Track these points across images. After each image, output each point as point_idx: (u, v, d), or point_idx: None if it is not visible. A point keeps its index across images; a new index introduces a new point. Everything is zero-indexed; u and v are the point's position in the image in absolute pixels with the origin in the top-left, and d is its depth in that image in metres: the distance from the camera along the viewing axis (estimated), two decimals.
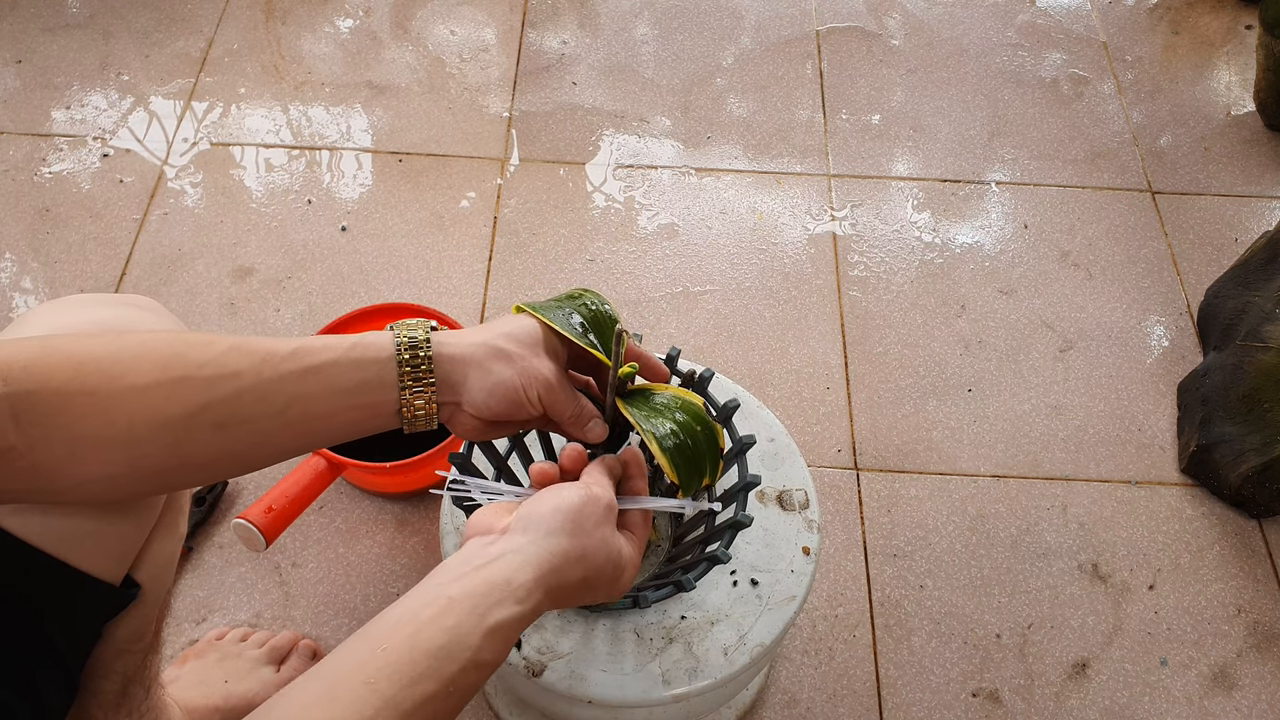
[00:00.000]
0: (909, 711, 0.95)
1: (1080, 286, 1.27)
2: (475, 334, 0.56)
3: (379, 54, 1.46)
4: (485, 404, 0.55)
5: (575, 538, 0.51)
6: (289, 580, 1.00)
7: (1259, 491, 1.05)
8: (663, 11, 1.54)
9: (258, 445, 0.50)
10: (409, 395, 0.53)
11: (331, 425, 0.52)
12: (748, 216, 1.31)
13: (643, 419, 0.58)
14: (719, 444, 0.62)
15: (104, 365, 0.46)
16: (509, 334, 0.56)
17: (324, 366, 0.51)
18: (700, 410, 0.61)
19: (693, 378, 0.72)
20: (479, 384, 0.54)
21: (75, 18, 1.47)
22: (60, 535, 0.51)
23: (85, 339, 0.47)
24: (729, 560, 0.64)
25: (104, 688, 0.63)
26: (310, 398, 0.50)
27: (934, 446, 1.12)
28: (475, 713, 0.92)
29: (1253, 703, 0.97)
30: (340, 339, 0.52)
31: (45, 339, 0.46)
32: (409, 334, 0.53)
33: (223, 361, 0.48)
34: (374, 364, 0.52)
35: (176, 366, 0.47)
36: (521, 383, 0.54)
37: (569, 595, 0.52)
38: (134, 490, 0.49)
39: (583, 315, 0.60)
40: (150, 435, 0.46)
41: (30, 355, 0.44)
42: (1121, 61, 1.53)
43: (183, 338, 0.49)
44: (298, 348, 0.50)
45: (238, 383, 0.48)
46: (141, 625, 0.62)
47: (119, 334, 0.49)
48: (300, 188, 1.30)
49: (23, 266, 1.21)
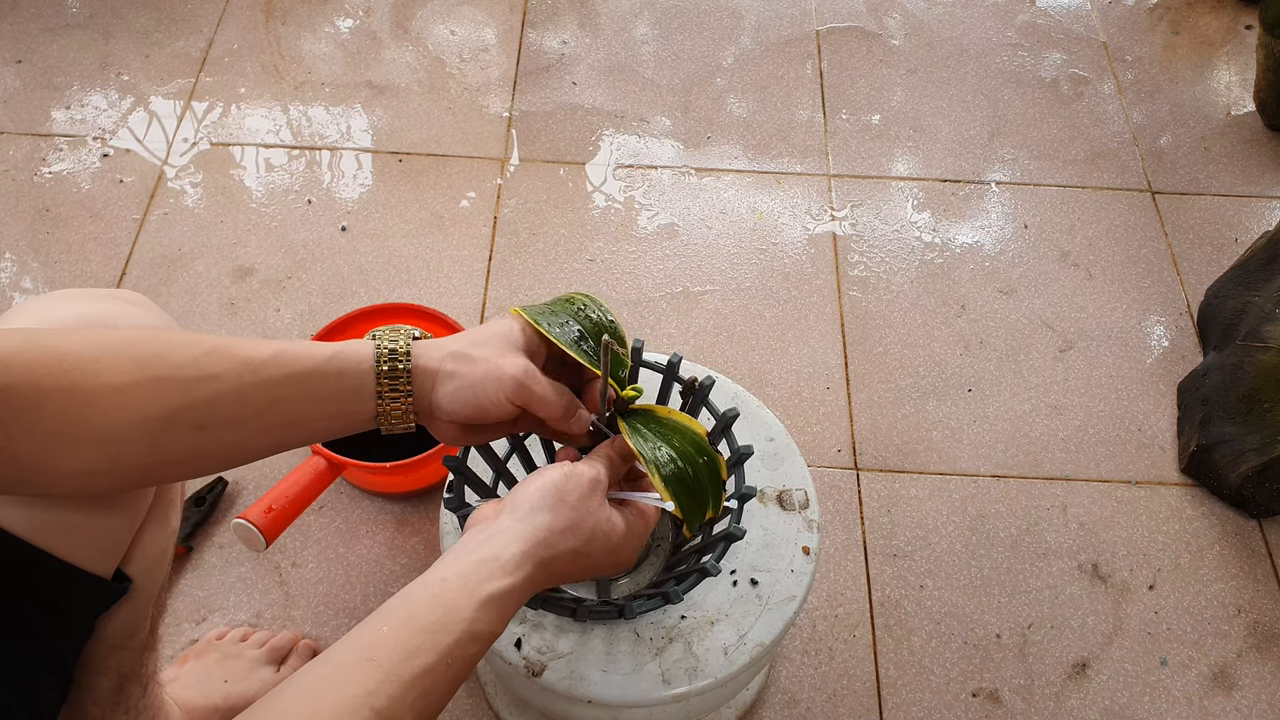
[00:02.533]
0: (909, 711, 0.95)
1: (1080, 286, 1.27)
2: (451, 341, 0.56)
3: (379, 54, 1.46)
4: (452, 409, 0.55)
5: (559, 510, 0.53)
6: (289, 580, 1.00)
7: (1259, 491, 1.05)
8: (663, 11, 1.54)
9: (237, 445, 0.51)
10: (385, 405, 0.54)
11: (311, 429, 0.53)
12: (748, 216, 1.31)
13: (643, 445, 0.58)
14: (721, 475, 0.61)
15: (84, 362, 0.46)
16: (477, 339, 0.56)
17: (304, 374, 0.51)
18: (701, 439, 0.61)
19: (693, 385, 0.71)
20: (444, 390, 0.55)
21: (75, 18, 1.47)
22: (48, 528, 0.51)
23: (67, 334, 0.47)
24: (718, 573, 0.64)
25: (99, 684, 0.63)
26: (289, 402, 0.51)
27: (934, 446, 1.12)
28: (475, 713, 0.92)
29: (1253, 703, 0.97)
30: (322, 347, 0.53)
31: (27, 332, 0.46)
32: (389, 344, 0.54)
33: (202, 364, 0.48)
34: (354, 375, 0.53)
35: (156, 366, 0.47)
36: (479, 381, 0.55)
37: (565, 565, 0.53)
38: (115, 485, 0.50)
39: (581, 324, 0.59)
40: (128, 434, 0.47)
41: (11, 349, 0.44)
42: (1121, 61, 1.53)
43: (165, 337, 0.49)
44: (278, 352, 0.51)
45: (217, 385, 0.48)
46: (135, 620, 0.62)
47: (102, 330, 0.49)
48: (300, 188, 1.30)
49: (23, 266, 1.21)
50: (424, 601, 0.47)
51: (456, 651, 0.46)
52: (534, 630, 0.69)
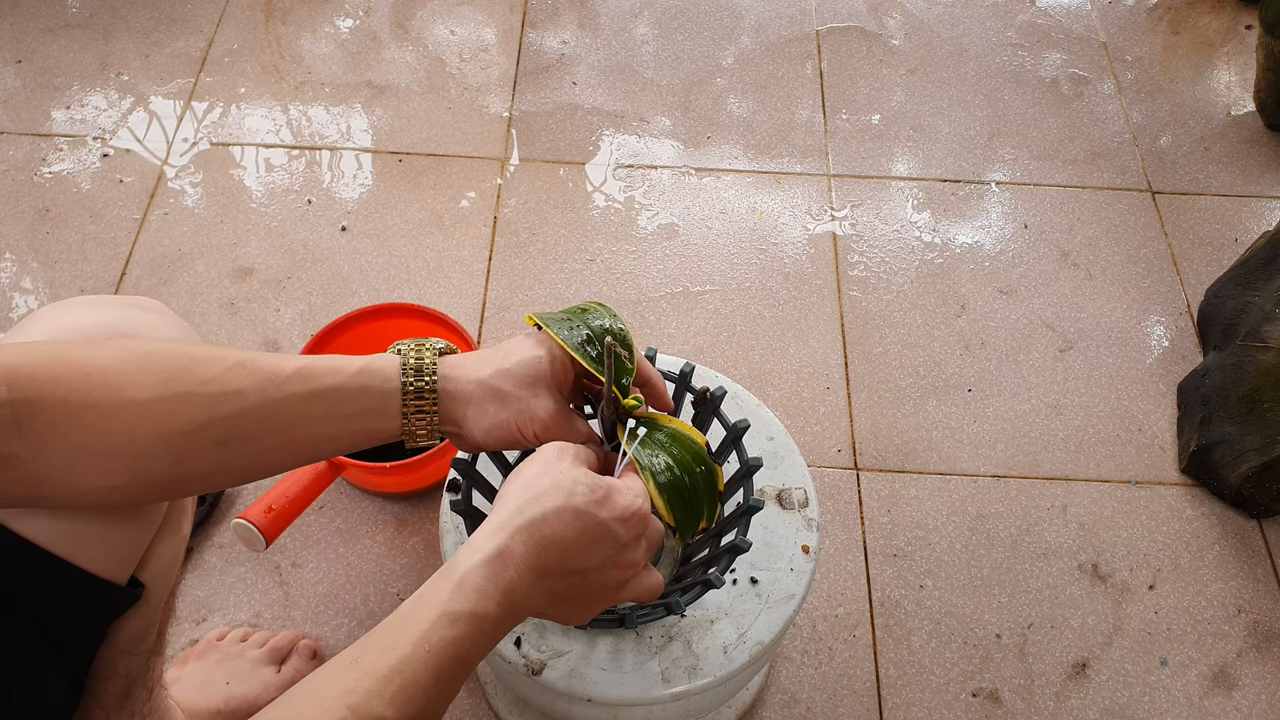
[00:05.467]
0: (909, 711, 0.95)
1: (1080, 286, 1.27)
2: (479, 367, 0.56)
3: (379, 54, 1.46)
4: (483, 441, 0.56)
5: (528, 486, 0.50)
6: (289, 580, 1.00)
7: (1259, 491, 1.05)
8: (663, 11, 1.55)
9: (258, 461, 0.51)
10: (411, 423, 0.54)
11: (333, 446, 0.53)
12: (748, 216, 1.31)
13: (641, 453, 0.57)
14: (718, 486, 0.61)
15: (109, 377, 0.46)
16: (508, 372, 0.55)
17: (329, 391, 0.51)
18: (700, 449, 0.60)
19: (705, 396, 0.71)
20: (476, 424, 0.55)
21: (75, 18, 1.47)
22: (67, 536, 0.51)
23: (91, 348, 0.47)
24: (721, 585, 0.64)
25: (107, 689, 0.63)
26: (313, 420, 0.51)
27: (934, 446, 1.12)
28: (475, 712, 0.92)
29: (1253, 703, 0.97)
30: (347, 362, 0.52)
31: (52, 346, 0.46)
32: (415, 361, 0.53)
33: (226, 379, 0.48)
34: (379, 393, 0.52)
35: (180, 382, 0.47)
36: (517, 424, 0.55)
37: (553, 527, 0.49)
38: (134, 499, 0.50)
39: (592, 331, 0.60)
40: (151, 449, 0.47)
41: (36, 362, 0.44)
42: (1121, 61, 1.53)
43: (189, 352, 0.49)
44: (302, 368, 0.51)
45: (240, 402, 0.48)
46: (145, 626, 0.62)
47: (126, 343, 0.49)
48: (300, 188, 1.30)
49: (23, 266, 1.21)
50: (407, 602, 0.47)
51: (433, 636, 0.45)
52: (534, 629, 0.69)
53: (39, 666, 0.52)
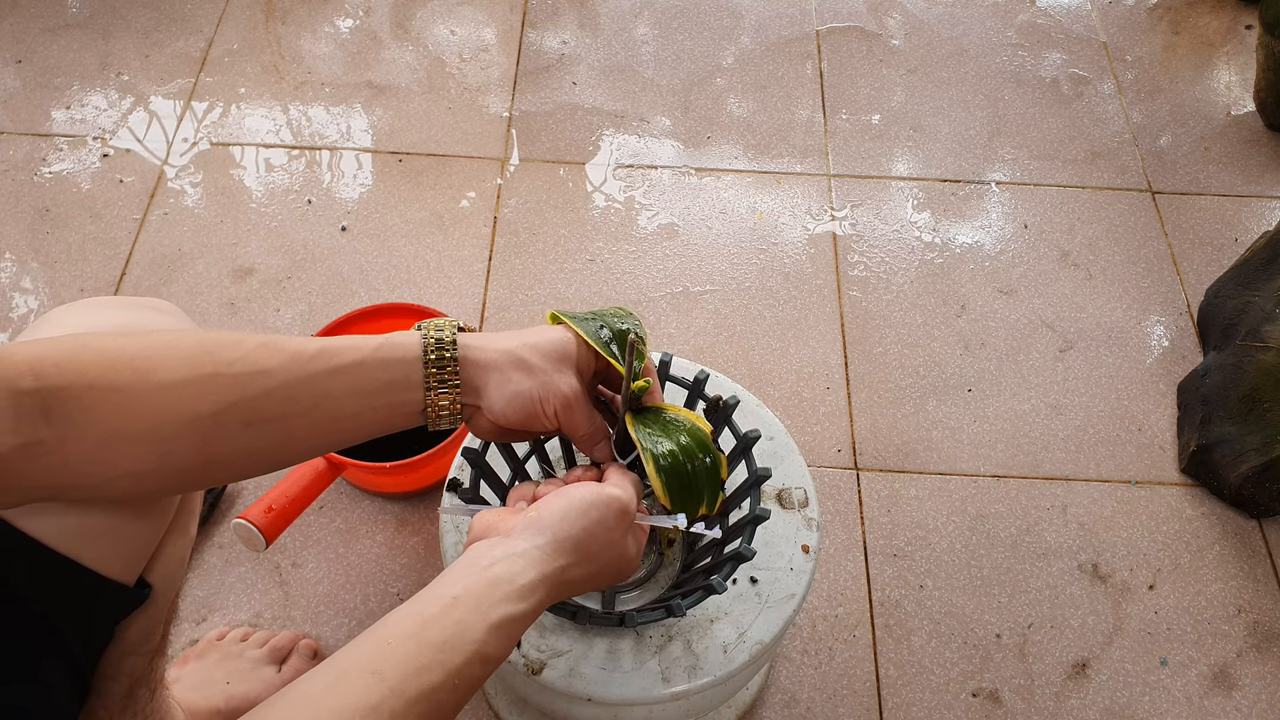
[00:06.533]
0: (909, 711, 0.95)
1: (1080, 286, 1.27)
2: (503, 339, 0.56)
3: (379, 54, 1.46)
4: (503, 412, 0.55)
5: (583, 541, 0.52)
6: (289, 580, 1.00)
7: (1259, 491, 1.05)
8: (663, 11, 1.55)
9: (283, 444, 0.51)
10: (434, 396, 0.53)
11: (357, 425, 0.53)
12: (748, 216, 1.31)
13: (645, 436, 0.58)
14: (721, 475, 0.62)
15: (135, 362, 0.46)
16: (535, 345, 0.56)
17: (351, 367, 0.51)
18: (706, 439, 0.61)
19: (717, 404, 0.72)
20: (498, 391, 0.55)
21: (75, 18, 1.47)
22: (75, 536, 0.51)
23: (116, 336, 0.47)
24: (724, 590, 0.64)
25: (111, 689, 0.63)
26: (337, 397, 0.51)
27: (934, 446, 1.12)
28: (475, 712, 0.92)
29: (1253, 703, 0.97)
30: (366, 339, 0.52)
31: (77, 336, 0.46)
32: (436, 334, 0.54)
33: (252, 359, 0.48)
34: (400, 364, 0.53)
35: (206, 363, 0.47)
36: (539, 395, 0.55)
37: (577, 588, 0.53)
38: (160, 488, 0.50)
39: (611, 328, 0.61)
40: (179, 433, 0.47)
41: (63, 352, 0.44)
42: (1121, 61, 1.53)
43: (211, 335, 0.49)
44: (324, 347, 0.51)
45: (267, 381, 0.48)
46: (151, 626, 0.62)
47: (147, 332, 0.49)
48: (300, 188, 1.30)
49: (23, 266, 1.21)
50: (434, 618, 0.47)
51: (465, 672, 0.46)
52: (533, 629, 0.69)
53: (46, 665, 0.52)
